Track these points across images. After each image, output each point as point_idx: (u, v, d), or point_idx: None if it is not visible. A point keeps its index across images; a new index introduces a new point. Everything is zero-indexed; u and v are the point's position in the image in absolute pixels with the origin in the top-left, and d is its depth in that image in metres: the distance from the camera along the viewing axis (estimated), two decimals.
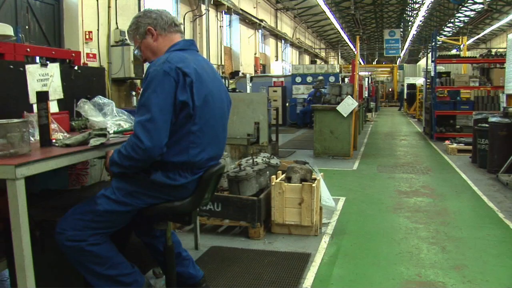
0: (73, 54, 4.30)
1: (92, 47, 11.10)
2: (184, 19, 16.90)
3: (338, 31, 36.77)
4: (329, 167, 9.66)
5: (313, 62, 44.28)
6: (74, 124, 3.99)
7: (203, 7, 16.31)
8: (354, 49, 52.96)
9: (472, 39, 45.67)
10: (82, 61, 10.69)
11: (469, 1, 34.30)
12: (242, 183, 5.00)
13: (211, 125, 2.81)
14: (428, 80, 16.67)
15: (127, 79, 12.02)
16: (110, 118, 3.87)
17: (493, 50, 39.04)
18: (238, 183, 5.00)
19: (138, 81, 12.52)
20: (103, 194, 2.80)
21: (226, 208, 5.01)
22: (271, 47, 29.59)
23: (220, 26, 19.73)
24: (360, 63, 60.61)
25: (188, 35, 17.14)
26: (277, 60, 30.62)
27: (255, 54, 25.28)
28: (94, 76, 4.52)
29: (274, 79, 21.01)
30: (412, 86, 31.21)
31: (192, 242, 4.73)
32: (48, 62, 3.88)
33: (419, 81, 25.56)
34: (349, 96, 10.54)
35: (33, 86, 3.71)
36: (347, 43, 46.57)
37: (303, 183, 5.01)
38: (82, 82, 4.33)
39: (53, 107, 3.94)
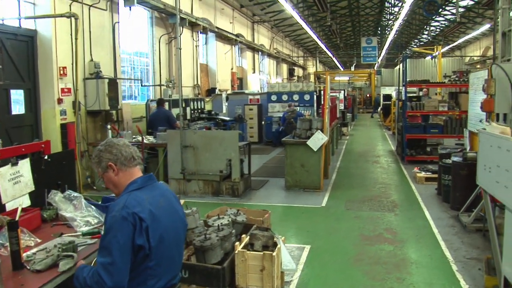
0: (43, 145, 4.53)
1: (66, 82, 11.25)
2: (159, 41, 17.10)
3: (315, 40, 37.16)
4: (298, 203, 9.99)
5: (291, 70, 44.66)
6: (46, 216, 4.25)
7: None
8: (332, 56, 53.55)
9: (447, 47, 46.48)
10: (56, 96, 10.93)
11: (443, 12, 34.97)
12: (207, 252, 5.26)
13: (167, 257, 3.08)
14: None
15: (102, 111, 12.22)
16: (79, 213, 4.13)
17: (467, 59, 39.87)
18: (204, 252, 5.27)
19: (113, 112, 12.71)
20: None
21: (193, 275, 5.28)
22: (248, 60, 29.81)
23: (196, 46, 19.91)
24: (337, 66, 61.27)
25: (163, 57, 17.35)
26: (254, 72, 30.85)
27: (232, 69, 25.50)
28: (64, 159, 4.77)
29: (250, 97, 21.31)
30: (387, 97, 31.75)
31: None
32: (18, 160, 4.11)
33: (395, 93, 26.05)
34: (319, 131, 10.87)
35: (5, 187, 3.95)
36: (325, 50, 47.03)
37: (264, 252, 5.30)
38: (52, 169, 4.57)
39: (25, 201, 4.18)
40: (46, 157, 4.46)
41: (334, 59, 58.44)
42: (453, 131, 14.60)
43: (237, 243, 5.53)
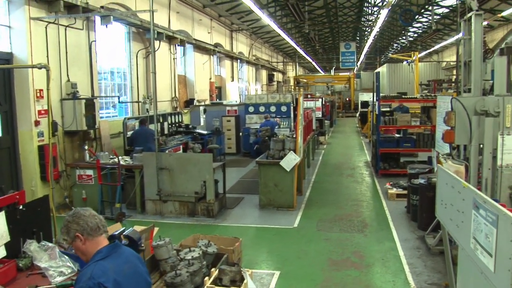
0: (18, 196, 4.73)
1: (43, 104, 11.35)
2: (137, 56, 17.25)
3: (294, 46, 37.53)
4: (271, 223, 10.27)
5: (270, 76, 44.98)
6: (21, 265, 4.48)
7: (156, 44, 16.62)
8: (311, 61, 54.05)
9: (424, 52, 47.22)
10: (33, 118, 11.05)
11: (420, 19, 35.59)
12: None
13: None
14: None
15: (79, 131, 12.39)
16: (54, 263, 4.36)
17: (444, 63, 40.38)
18: None
19: (91, 131, 12.89)
20: None
21: None
22: (226, 68, 29.98)
23: (174, 58, 20.08)
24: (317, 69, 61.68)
25: (141, 71, 17.46)
26: (233, 80, 31.05)
27: (210, 78, 25.67)
28: (39, 206, 4.98)
29: (228, 108, 21.60)
30: (365, 104, 32.13)
31: None
32: None
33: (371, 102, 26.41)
34: (291, 151, 11.17)
35: None
36: (304, 55, 47.48)
37: (231, 287, 5.59)
38: (27, 216, 4.78)
39: (1, 252, 4.40)
40: (21, 207, 4.68)
41: (313, 63, 58.99)
42: (425, 145, 15.05)
43: (206, 278, 5.80)
